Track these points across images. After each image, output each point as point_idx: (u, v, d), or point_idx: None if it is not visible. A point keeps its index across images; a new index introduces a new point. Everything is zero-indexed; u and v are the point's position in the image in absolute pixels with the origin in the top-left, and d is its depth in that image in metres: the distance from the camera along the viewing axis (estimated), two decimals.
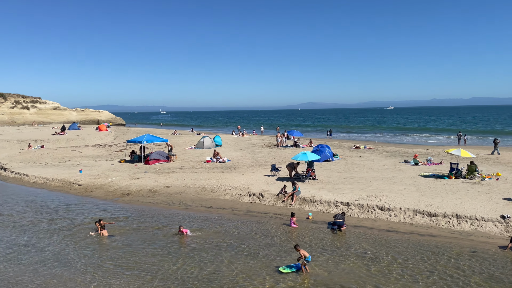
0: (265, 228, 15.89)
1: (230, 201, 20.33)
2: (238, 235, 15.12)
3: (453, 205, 16.73)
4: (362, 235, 14.85)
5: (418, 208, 16.61)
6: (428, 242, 13.86)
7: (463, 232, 14.72)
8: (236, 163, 30.60)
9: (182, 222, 16.94)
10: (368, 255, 12.82)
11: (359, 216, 17.14)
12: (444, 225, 15.44)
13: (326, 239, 14.53)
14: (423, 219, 16.02)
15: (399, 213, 16.63)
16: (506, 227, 14.62)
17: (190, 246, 14.03)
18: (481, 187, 20.11)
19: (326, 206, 18.27)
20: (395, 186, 20.78)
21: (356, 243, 13.96)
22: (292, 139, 45.82)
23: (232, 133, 61.83)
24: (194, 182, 23.82)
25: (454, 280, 10.88)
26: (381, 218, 16.66)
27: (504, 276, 11.04)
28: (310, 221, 16.82)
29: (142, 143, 32.31)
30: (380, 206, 17.26)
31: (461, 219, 15.42)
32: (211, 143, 41.40)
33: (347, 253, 13.04)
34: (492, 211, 15.81)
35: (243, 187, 21.78)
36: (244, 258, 12.83)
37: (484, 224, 15.00)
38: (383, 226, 15.74)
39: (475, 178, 22.13)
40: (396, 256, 12.71)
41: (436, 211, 16.11)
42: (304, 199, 19.15)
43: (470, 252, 12.84)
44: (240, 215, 17.91)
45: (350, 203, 17.92)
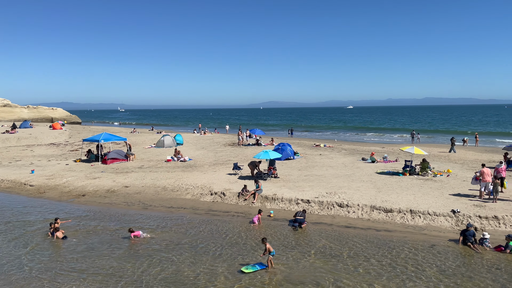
0: (227, 227, 15.85)
1: (192, 201, 20.10)
2: (199, 235, 14.98)
3: (408, 201, 17.46)
4: (322, 231, 15.16)
5: (375, 204, 17.19)
6: (384, 237, 14.37)
7: (416, 227, 15.39)
8: (198, 162, 30.31)
9: (141, 222, 16.56)
10: (327, 251, 13.10)
11: (319, 213, 17.48)
12: (399, 220, 16.08)
13: (287, 236, 14.71)
14: (380, 214, 16.61)
15: (357, 210, 17.14)
16: (456, 221, 15.43)
17: (150, 248, 13.73)
18: (433, 183, 21.13)
19: (287, 204, 18.49)
20: (353, 183, 21.39)
21: (316, 240, 14.24)
22: (254, 138, 46.02)
23: (193, 132, 61.18)
24: (154, 182, 23.34)
25: (409, 274, 11.35)
26: (340, 215, 17.09)
27: (456, 269, 11.64)
28: (272, 218, 16.96)
29: (99, 141, 31.24)
30: (339, 203, 17.70)
31: (415, 214, 16.12)
32: (172, 141, 40.74)
33: (308, 250, 13.27)
34: (443, 206, 16.64)
35: (205, 186, 21.61)
36: (206, 258, 12.73)
37: (436, 219, 15.76)
38: (342, 223, 16.15)
39: (427, 174, 23.21)
40: (354, 251, 13.07)
41: (392, 207, 16.75)
42: (266, 197, 19.29)
43: (424, 246, 13.43)
44: (202, 215, 17.76)
45: (310, 201, 18.24)
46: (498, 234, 14.13)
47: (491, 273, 11.26)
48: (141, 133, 60.78)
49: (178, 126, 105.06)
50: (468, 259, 12.29)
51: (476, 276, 11.08)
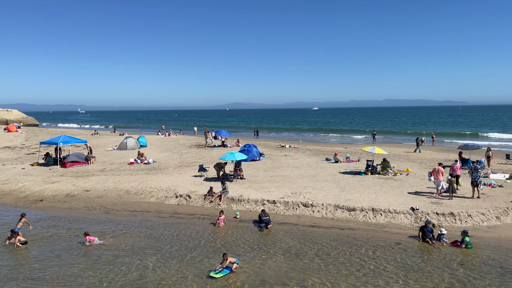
0: (192, 230, 15.66)
1: (156, 204, 19.72)
2: (164, 238, 14.71)
3: (370, 200, 17.96)
4: (288, 231, 15.30)
5: (338, 203, 17.56)
6: (348, 235, 14.70)
7: (378, 225, 15.86)
8: (162, 164, 29.80)
9: (104, 227, 16.05)
10: (293, 251, 13.24)
11: (285, 213, 17.64)
12: (361, 218, 16.50)
13: (253, 237, 14.73)
14: (343, 213, 16.98)
15: (322, 209, 17.44)
16: (415, 218, 16.03)
17: (113, 253, 13.33)
18: (394, 182, 21.86)
19: (253, 205, 18.52)
20: (318, 183, 21.76)
21: (282, 240, 14.35)
22: (220, 139, 45.83)
23: (158, 134, 60.08)
24: (117, 185, 22.71)
25: (372, 270, 11.66)
26: (305, 214, 17.32)
27: (415, 264, 12.08)
28: (238, 220, 16.94)
29: (58, 144, 30.03)
30: (304, 202, 17.94)
31: (377, 212, 16.61)
32: (135, 144, 39.82)
33: (274, 250, 13.35)
34: (403, 204, 17.25)
35: (170, 189, 21.27)
36: (170, 262, 12.51)
37: (397, 216, 16.30)
38: (307, 222, 16.38)
39: (388, 173, 23.99)
40: (319, 250, 13.28)
41: (355, 206, 17.17)
42: (232, 198, 19.24)
43: (385, 243, 13.85)
44: (167, 218, 17.46)
45: (276, 201, 18.37)
46: (454, 229, 14.80)
47: (448, 267, 11.77)
48: (102, 135, 59.02)
49: (141, 128, 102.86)
50: (427, 255, 12.78)
51: (435, 270, 11.55)
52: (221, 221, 16.07)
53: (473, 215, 15.89)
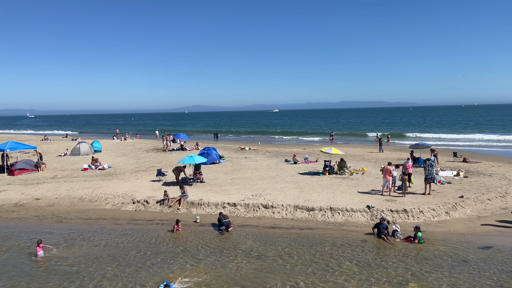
0: (151, 236, 15.27)
1: (112, 211, 19.06)
2: (121, 246, 14.23)
3: (328, 199, 18.35)
4: (249, 233, 15.30)
5: (298, 204, 17.80)
6: (307, 235, 14.93)
7: (336, 223, 16.23)
8: (118, 169, 28.88)
9: (56, 237, 15.27)
10: (254, 252, 13.25)
11: (245, 215, 17.64)
12: (320, 218, 16.82)
13: (214, 241, 14.59)
14: (303, 213, 17.23)
15: (282, 210, 17.60)
16: (371, 216, 16.56)
17: (66, 263, 12.70)
18: (350, 181, 22.49)
19: (213, 208, 18.36)
20: (278, 184, 21.95)
21: (243, 242, 14.32)
22: (179, 143, 45.15)
23: (113, 138, 58.22)
24: (70, 193, 21.73)
25: (330, 267, 11.89)
26: (265, 216, 17.40)
27: (372, 260, 12.45)
28: (198, 224, 16.72)
29: (5, 151, 28.31)
30: (264, 204, 18.02)
31: (335, 211, 17.00)
32: (88, 149, 38.34)
33: (235, 253, 13.29)
34: (359, 202, 17.77)
35: (126, 195, 20.64)
36: (129, 270, 12.11)
37: (354, 215, 16.77)
38: (267, 223, 16.46)
39: (345, 173, 24.64)
40: (280, 250, 13.38)
41: (314, 206, 17.47)
42: (192, 202, 18.97)
43: (343, 241, 14.18)
44: (124, 225, 16.92)
45: (237, 204, 18.32)
46: (407, 225, 15.43)
47: (403, 262, 12.23)
48: (53, 140, 56.36)
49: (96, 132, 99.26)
50: (382, 251, 13.23)
51: (390, 266, 11.97)
52: (178, 228, 15.70)
53: (425, 211, 16.66)
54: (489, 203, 18.20)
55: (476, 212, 17.11)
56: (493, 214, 16.85)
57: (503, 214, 16.73)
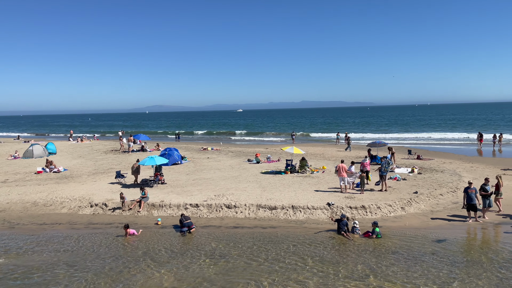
0: (110, 240, 14.83)
1: (68, 215, 18.34)
2: (78, 251, 13.72)
3: (290, 198, 18.61)
4: (211, 234, 15.22)
5: (260, 203, 17.92)
6: (270, 233, 15.06)
7: (298, 221, 16.49)
8: (75, 172, 27.82)
9: (7, 243, 14.48)
10: (217, 253, 13.20)
11: (208, 216, 17.54)
12: (282, 216, 17.03)
13: (176, 243, 14.39)
14: (265, 212, 17.37)
15: (244, 209, 17.65)
16: (331, 213, 16.96)
17: (18, 271, 12.07)
18: (311, 179, 22.92)
19: (175, 210, 18.11)
20: (240, 184, 22.00)
21: (206, 243, 14.23)
22: (139, 143, 44.13)
23: (69, 140, 56.00)
24: (22, 197, 20.68)
25: (293, 265, 12.07)
26: (228, 216, 17.39)
27: (332, 257, 12.74)
28: (160, 226, 16.43)
29: None
30: (227, 204, 18.00)
31: (296, 209, 17.27)
32: (42, 151, 36.65)
33: (197, 254, 13.18)
34: (320, 200, 18.16)
35: (84, 198, 19.93)
36: (87, 275, 11.70)
37: (315, 212, 17.11)
38: (230, 224, 16.46)
39: (306, 172, 25.09)
40: (242, 250, 13.41)
41: (276, 204, 17.66)
42: (153, 204, 18.62)
43: (305, 238, 14.42)
44: (81, 229, 16.32)
45: (199, 204, 18.17)
46: (366, 221, 15.95)
47: (362, 257, 12.62)
48: (4, 142, 53.38)
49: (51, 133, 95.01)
50: (342, 247, 13.59)
51: (350, 261, 12.31)
52: (131, 233, 15.20)
53: (382, 207, 17.29)
54: (441, 198, 19.16)
55: (430, 207, 17.96)
56: (445, 209, 17.75)
57: (454, 208, 17.66)
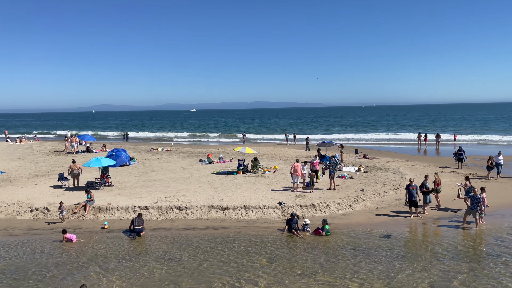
0: (52, 246, 14.02)
1: (5, 220, 17.13)
2: (16, 260, 12.82)
3: (242, 198, 18.64)
4: (162, 237, 14.87)
5: (212, 203, 17.79)
6: (221, 234, 14.98)
7: (250, 221, 16.56)
8: (13, 175, 26.05)
9: None
10: (167, 256, 12.91)
11: (158, 218, 17.12)
12: (234, 216, 17.02)
13: (124, 247, 13.90)
14: (217, 213, 17.26)
15: (196, 211, 17.43)
16: (282, 212, 17.20)
17: None
18: (263, 179, 23.12)
19: (123, 213, 17.51)
20: (192, 185, 21.70)
21: (156, 246, 13.87)
22: (84, 144, 42.23)
23: (6, 141, 52.38)
24: None
25: (244, 265, 12.07)
26: (179, 218, 17.08)
27: (283, 255, 12.90)
28: (106, 230, 15.80)
29: None
30: (178, 206, 17.67)
31: (248, 209, 17.33)
32: None
33: (147, 258, 12.81)
34: (271, 199, 18.35)
35: (23, 202, 18.70)
36: (26, 284, 10.97)
37: (266, 211, 17.26)
38: (181, 225, 16.17)
39: (258, 172, 25.27)
40: (194, 252, 13.22)
41: (228, 205, 17.61)
42: (99, 208, 17.86)
43: (256, 238, 14.48)
44: (20, 235, 15.29)
45: (148, 207, 17.69)
46: (315, 219, 16.32)
47: (312, 254, 12.90)
48: None
49: None
50: (293, 245, 13.82)
51: (300, 258, 12.53)
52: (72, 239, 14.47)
53: (331, 204, 17.80)
54: (385, 195, 20.08)
55: (375, 204, 18.76)
56: (389, 205, 18.63)
57: (397, 205, 18.57)
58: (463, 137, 53.94)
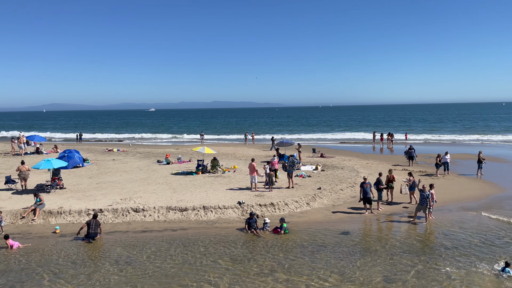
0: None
1: None
2: None
3: (201, 198, 18.48)
4: (117, 240, 14.42)
5: (170, 205, 17.48)
6: (180, 235, 14.77)
7: (209, 221, 16.44)
8: None
9: None
10: (123, 260, 12.54)
11: (114, 221, 16.60)
12: (193, 217, 16.83)
13: (77, 252, 13.35)
14: (176, 214, 16.99)
15: (153, 212, 17.06)
16: (242, 211, 17.23)
17: None
18: (223, 179, 23.04)
19: (76, 216, 16.81)
20: (149, 186, 21.23)
21: (111, 250, 13.43)
22: (34, 145, 40.13)
23: None
24: None
25: (204, 266, 11.96)
26: (136, 220, 16.65)
27: (243, 255, 12.92)
28: (58, 235, 15.10)
29: None
30: (134, 208, 17.22)
31: (207, 210, 17.20)
32: None
33: (101, 262, 12.37)
34: (231, 199, 18.33)
35: None
36: None
37: (226, 211, 17.21)
38: (138, 228, 15.77)
39: (217, 172, 25.15)
40: (151, 255, 12.94)
41: (187, 206, 17.38)
42: (50, 211, 17.03)
43: (216, 238, 14.41)
44: None
45: (103, 209, 17.10)
46: (274, 218, 16.48)
47: (270, 253, 13.01)
48: None
49: None
50: (252, 244, 13.88)
51: (259, 257, 12.61)
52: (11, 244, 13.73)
53: (289, 203, 18.06)
54: (341, 193, 20.66)
55: (332, 202, 19.25)
56: (345, 202, 19.17)
57: (353, 202, 19.16)
58: (413, 136, 56.63)
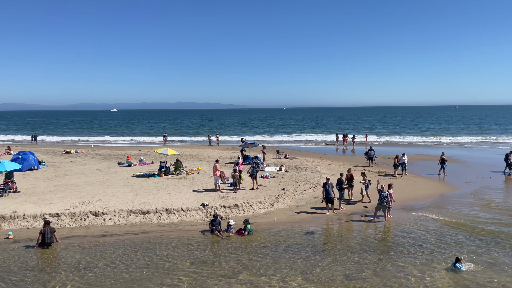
0: None
1: None
2: None
3: (163, 201, 18.15)
4: (75, 245, 13.89)
5: (132, 208, 17.05)
6: (141, 239, 14.43)
7: (172, 224, 16.18)
8: None
9: None
10: (82, 265, 12.09)
11: (71, 225, 15.98)
12: (156, 220, 16.50)
13: (32, 258, 12.73)
14: (137, 218, 16.59)
15: (114, 216, 16.58)
16: (206, 213, 17.08)
17: None
18: (186, 181, 22.76)
19: (31, 221, 16.04)
20: (109, 189, 20.62)
21: (68, 256, 12.91)
22: None
23: None
24: None
25: (166, 270, 11.75)
26: (95, 224, 16.11)
27: (206, 257, 12.81)
28: (11, 241, 14.34)
29: None
30: (93, 211, 16.65)
31: (170, 212, 16.92)
32: None
33: (57, 269, 11.86)
34: (194, 201, 18.13)
35: None
36: None
37: (189, 214, 17.01)
38: (97, 232, 15.26)
39: (181, 173, 24.82)
40: (111, 259, 12.56)
41: (149, 208, 17.02)
42: (3, 216, 16.15)
43: (179, 241, 14.20)
44: None
45: (60, 213, 16.42)
46: (238, 219, 16.47)
47: (234, 254, 12.98)
48: None
49: None
50: (216, 246, 13.79)
51: (223, 259, 12.54)
52: None
53: (253, 204, 18.11)
54: (304, 193, 20.97)
55: (295, 202, 19.49)
56: (308, 203, 19.47)
57: (315, 202, 19.49)
58: (375, 138, 58.47)
